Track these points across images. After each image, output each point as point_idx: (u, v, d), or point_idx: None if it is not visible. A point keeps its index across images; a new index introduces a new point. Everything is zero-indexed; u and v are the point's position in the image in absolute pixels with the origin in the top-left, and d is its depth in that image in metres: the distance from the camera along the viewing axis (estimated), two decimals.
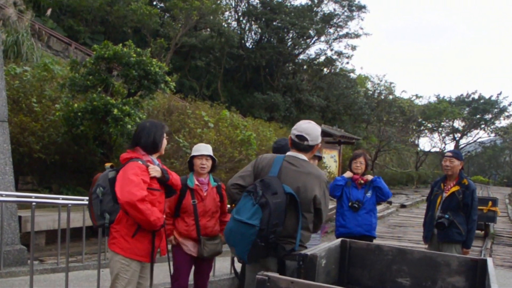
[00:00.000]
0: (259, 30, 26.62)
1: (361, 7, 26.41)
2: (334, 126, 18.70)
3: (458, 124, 39.09)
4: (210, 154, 3.48)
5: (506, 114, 37.06)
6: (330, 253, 2.36)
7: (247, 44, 27.36)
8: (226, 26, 24.94)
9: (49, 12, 17.07)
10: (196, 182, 3.43)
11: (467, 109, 37.68)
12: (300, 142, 2.57)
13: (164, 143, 2.87)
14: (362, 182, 4.32)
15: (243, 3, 26.41)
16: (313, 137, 2.57)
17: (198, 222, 3.37)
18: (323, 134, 15.07)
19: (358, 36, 27.13)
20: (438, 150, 39.37)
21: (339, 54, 27.65)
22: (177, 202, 3.41)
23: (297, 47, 27.14)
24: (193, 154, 3.48)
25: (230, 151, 9.41)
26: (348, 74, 28.71)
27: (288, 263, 2.42)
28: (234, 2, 26.22)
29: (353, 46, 27.78)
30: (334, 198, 4.35)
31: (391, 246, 2.51)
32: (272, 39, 26.53)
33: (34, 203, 3.81)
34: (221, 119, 11.65)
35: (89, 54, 14.35)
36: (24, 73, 9.36)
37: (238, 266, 3.62)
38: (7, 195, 4.58)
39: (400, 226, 12.27)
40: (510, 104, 36.72)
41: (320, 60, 27.98)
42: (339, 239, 2.62)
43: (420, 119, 34.06)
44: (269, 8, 25.18)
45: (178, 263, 3.44)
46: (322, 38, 27.34)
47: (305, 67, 28.65)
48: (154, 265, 4.38)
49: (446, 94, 62.85)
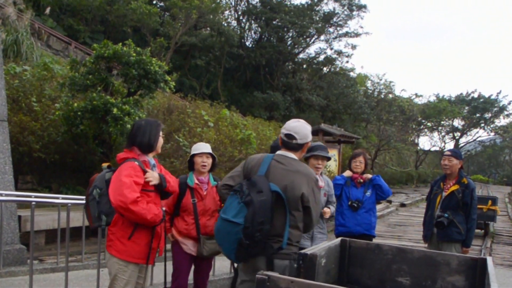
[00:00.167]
0: (259, 29, 26.60)
1: (361, 7, 26.38)
2: (334, 125, 18.69)
3: (457, 123, 39.13)
4: (210, 152, 3.49)
5: (506, 113, 37.10)
6: (329, 252, 2.36)
7: (247, 43, 27.35)
8: (226, 25, 24.92)
9: (48, 10, 17.03)
10: (196, 181, 3.43)
11: (467, 108, 37.69)
12: (289, 141, 2.57)
13: (160, 142, 2.83)
14: (362, 181, 4.33)
15: (243, 2, 26.38)
16: (301, 135, 2.56)
17: (198, 221, 3.37)
18: (323, 133, 15.09)
19: (358, 35, 27.13)
20: (438, 149, 39.36)
21: (339, 53, 27.63)
22: (176, 201, 3.41)
23: (297, 46, 27.13)
24: (193, 152, 3.49)
25: (230, 150, 9.42)
26: (348, 73, 28.71)
27: (277, 262, 2.40)
28: (233, 1, 26.23)
29: (353, 45, 27.78)
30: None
31: (391, 245, 2.50)
32: (272, 38, 26.51)
33: (33, 203, 3.80)
34: (221, 118, 11.65)
35: (89, 53, 14.35)
36: (23, 72, 9.36)
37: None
38: (7, 195, 4.57)
39: (400, 225, 12.27)
40: (509, 103, 36.77)
41: (320, 59, 27.97)
42: (339, 238, 2.62)
43: (419, 118, 34.07)
44: (269, 7, 25.16)
45: (178, 263, 3.43)
46: (322, 37, 27.35)
47: (305, 66, 28.63)
48: (155, 264, 4.41)
49: (445, 93, 62.98)
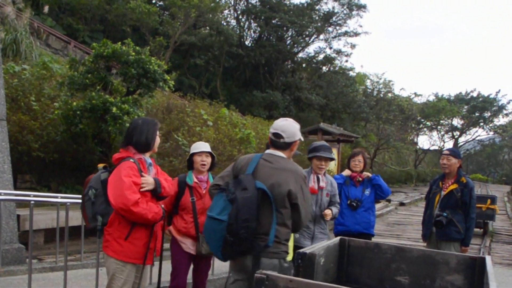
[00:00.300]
0: (258, 28, 26.58)
1: (360, 6, 26.37)
2: (333, 124, 18.70)
3: (457, 122, 39.19)
4: (209, 151, 3.50)
5: (505, 112, 37.18)
6: (328, 251, 2.35)
7: (246, 42, 27.33)
8: (225, 24, 24.91)
9: (46, 9, 17.00)
10: (195, 180, 3.44)
11: (466, 107, 37.74)
12: (276, 140, 2.58)
13: (157, 141, 2.82)
14: (361, 179, 4.33)
15: (242, 2, 26.36)
16: (288, 134, 2.57)
17: (197, 220, 3.36)
18: (322, 132, 15.09)
19: (357, 34, 27.13)
20: (437, 148, 39.41)
21: (338, 52, 27.63)
22: (175, 199, 3.41)
23: (296, 46, 27.11)
24: (192, 151, 3.49)
25: (229, 150, 9.41)
26: (347, 73, 28.70)
27: (265, 261, 2.38)
28: (233, 0, 26.17)
29: (352, 45, 27.78)
30: None
31: (390, 244, 2.50)
32: (271, 38, 26.49)
33: (32, 202, 3.79)
34: (220, 118, 11.65)
35: (88, 53, 14.33)
36: (23, 71, 9.34)
37: None
38: (6, 194, 4.57)
39: (399, 224, 12.28)
40: (509, 102, 36.85)
41: (319, 58, 27.97)
42: (338, 238, 2.62)
43: (419, 117, 34.11)
44: (268, 6, 25.14)
45: (177, 261, 3.43)
46: (321, 37, 27.34)
47: (304, 66, 28.63)
48: (154, 264, 4.40)
49: (445, 92, 62.86)
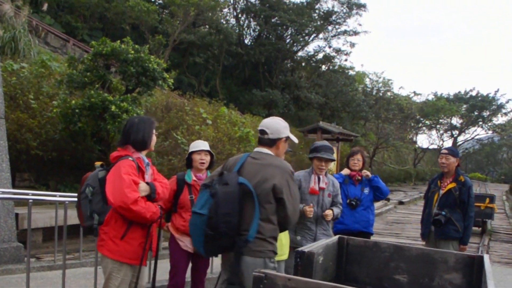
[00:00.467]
0: (258, 27, 26.55)
1: (360, 5, 26.35)
2: (333, 123, 18.70)
3: (456, 121, 39.25)
4: (208, 149, 3.50)
5: (504, 111, 37.27)
6: (327, 250, 2.35)
7: (246, 41, 27.30)
8: (224, 23, 24.86)
9: (45, 6, 16.96)
10: (194, 178, 3.43)
11: (465, 106, 37.79)
12: (261, 136, 2.61)
13: (153, 139, 2.81)
14: (360, 178, 4.34)
15: (242, 0, 26.32)
16: (272, 130, 2.58)
17: None
18: (322, 131, 15.08)
19: (356, 33, 27.12)
20: (436, 147, 39.48)
21: (338, 51, 27.62)
22: (174, 197, 3.41)
23: (295, 44, 27.09)
24: (191, 150, 3.50)
25: (229, 148, 9.41)
26: (346, 72, 28.70)
27: (248, 260, 2.34)
28: None
29: (351, 43, 27.77)
30: None
31: (389, 243, 2.50)
32: (270, 36, 26.46)
33: (31, 200, 3.78)
34: (219, 116, 11.64)
35: (87, 51, 14.30)
36: (21, 69, 9.32)
37: None
38: (4, 192, 4.54)
39: (398, 223, 12.30)
40: (507, 101, 36.99)
41: (318, 57, 27.96)
42: (337, 236, 2.62)
43: (418, 116, 34.17)
44: (267, 5, 25.11)
45: (175, 260, 3.43)
46: (321, 35, 27.32)
47: (303, 64, 28.62)
48: (147, 265, 4.39)
49: (444, 92, 62.99)
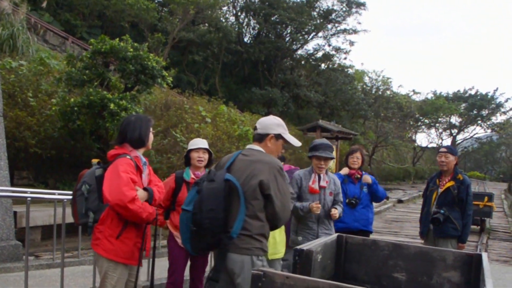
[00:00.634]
0: (257, 25, 26.51)
1: (359, 4, 26.33)
2: (332, 121, 18.70)
3: (455, 120, 39.30)
4: (207, 147, 3.50)
5: (502, 110, 37.28)
6: (326, 248, 2.35)
7: (245, 39, 27.27)
8: (224, 21, 24.82)
9: (44, 4, 16.91)
10: (192, 176, 3.43)
11: (464, 105, 37.82)
12: (254, 132, 2.64)
13: (150, 137, 2.80)
14: (359, 176, 4.34)
15: None
16: (262, 125, 2.59)
17: None
18: (321, 129, 15.09)
19: (356, 32, 27.10)
20: (435, 145, 39.51)
21: (337, 49, 27.61)
22: (172, 195, 3.41)
23: (295, 43, 27.06)
24: (190, 148, 3.51)
25: (228, 146, 9.41)
26: (346, 70, 28.70)
27: (233, 257, 2.30)
28: None
29: (351, 42, 27.77)
30: None
31: (387, 241, 2.51)
32: (270, 34, 26.43)
33: (29, 198, 3.77)
34: (218, 114, 11.64)
35: (86, 49, 14.26)
36: (20, 67, 9.30)
37: None
38: (2, 190, 4.53)
39: (397, 221, 12.31)
40: (506, 100, 36.98)
41: (318, 55, 27.96)
42: (335, 234, 2.62)
43: (417, 115, 34.18)
44: (267, 3, 25.07)
45: (174, 258, 3.43)
46: (320, 34, 27.29)
47: (303, 63, 28.60)
48: (142, 265, 4.38)
49: (443, 90, 63.03)
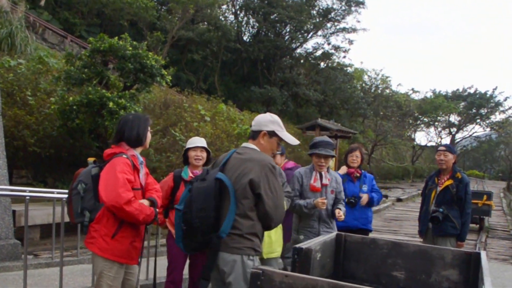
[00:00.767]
0: (257, 24, 26.49)
1: (359, 2, 26.31)
2: (331, 120, 18.69)
3: (454, 118, 39.34)
4: (204, 146, 3.49)
5: (501, 109, 37.30)
6: (325, 246, 2.35)
7: (245, 37, 27.24)
8: (223, 19, 24.80)
9: (42, 2, 16.86)
10: (190, 174, 3.43)
11: (463, 103, 37.85)
12: (251, 130, 2.64)
13: (148, 137, 2.78)
14: (358, 175, 4.34)
15: None
16: (256, 122, 2.56)
17: None
18: (320, 128, 15.07)
19: (355, 30, 27.10)
20: (434, 144, 39.55)
21: (336, 48, 27.60)
22: (171, 194, 3.41)
23: (294, 41, 27.05)
24: (187, 146, 3.51)
25: (227, 145, 9.41)
26: (345, 69, 28.70)
27: (224, 256, 2.28)
28: None
29: (350, 40, 27.82)
30: None
31: (386, 240, 2.51)
32: (269, 33, 26.40)
33: (28, 197, 3.77)
34: (217, 113, 11.64)
35: (85, 47, 14.23)
36: (18, 65, 9.27)
37: None
38: (1, 189, 4.52)
39: (396, 220, 12.33)
40: (505, 99, 37.15)
41: (317, 54, 27.94)
42: (334, 233, 2.62)
43: (416, 114, 34.18)
44: (266, 1, 25.03)
45: (173, 256, 3.43)
46: (320, 32, 27.28)
47: (302, 61, 28.58)
48: (150, 258, 4.39)
49: (442, 89, 63.08)
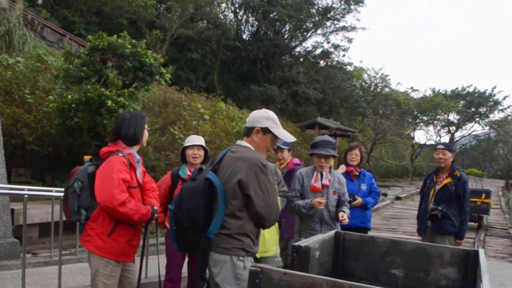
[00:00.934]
0: (256, 22, 26.46)
1: (358, 1, 26.32)
2: (330, 118, 18.73)
3: (453, 117, 39.34)
4: (202, 144, 3.48)
5: (500, 107, 37.33)
6: (324, 244, 2.35)
7: (244, 36, 27.21)
8: (222, 18, 24.77)
9: (40, 0, 16.81)
10: (188, 173, 3.42)
11: (462, 102, 37.86)
12: (245, 126, 2.61)
13: (145, 135, 2.77)
14: (357, 173, 4.34)
15: None
16: (250, 118, 2.51)
17: None
18: (319, 126, 15.11)
19: (354, 29, 27.11)
20: (433, 143, 39.58)
21: (336, 46, 27.60)
22: (169, 192, 3.40)
23: (293, 40, 27.03)
24: (185, 145, 3.50)
25: (226, 143, 9.41)
26: (344, 67, 28.71)
27: (214, 256, 2.26)
28: None
29: (349, 39, 27.76)
30: None
31: (385, 238, 2.50)
32: (269, 32, 26.38)
33: (26, 196, 3.76)
34: (217, 111, 11.64)
35: (83, 45, 14.21)
36: (17, 63, 9.26)
37: None
38: None
39: (395, 218, 12.34)
40: (504, 98, 37.27)
41: (316, 52, 27.96)
42: (333, 231, 2.62)
43: (415, 112, 34.19)
44: (266, 0, 25.00)
45: (171, 255, 3.43)
46: (319, 31, 27.28)
47: (301, 60, 28.58)
48: (149, 257, 4.39)
49: (441, 88, 63.11)
